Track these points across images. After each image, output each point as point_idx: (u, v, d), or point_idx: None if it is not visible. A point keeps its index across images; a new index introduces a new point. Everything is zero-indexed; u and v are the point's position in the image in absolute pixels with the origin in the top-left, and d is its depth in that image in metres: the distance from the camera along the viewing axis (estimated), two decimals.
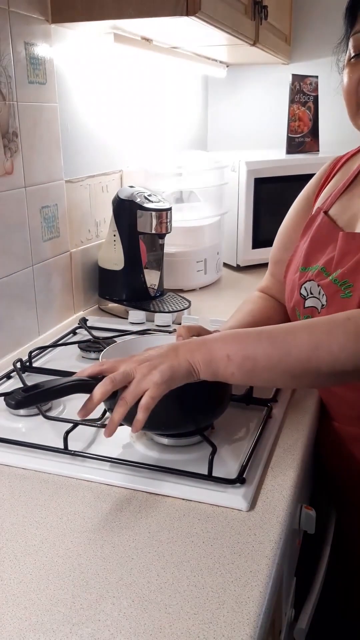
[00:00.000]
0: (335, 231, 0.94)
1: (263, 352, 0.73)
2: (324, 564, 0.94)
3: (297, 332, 0.75)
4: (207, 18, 1.17)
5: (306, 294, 0.94)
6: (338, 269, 0.89)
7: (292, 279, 0.99)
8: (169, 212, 1.37)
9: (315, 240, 0.97)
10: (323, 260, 0.93)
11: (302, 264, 0.97)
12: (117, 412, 0.72)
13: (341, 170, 1.03)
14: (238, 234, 1.82)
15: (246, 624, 0.56)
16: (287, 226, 1.08)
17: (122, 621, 0.56)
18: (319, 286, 0.92)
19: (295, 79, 1.89)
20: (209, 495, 0.73)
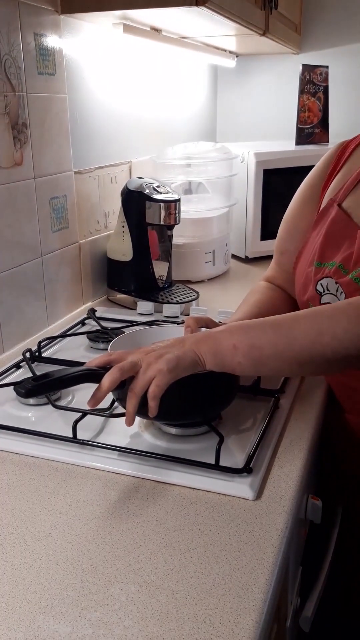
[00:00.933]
0: (351, 226, 0.93)
1: (268, 341, 0.74)
2: (330, 553, 0.94)
3: (300, 319, 0.76)
4: (217, 8, 1.16)
5: (322, 291, 0.94)
6: (358, 267, 0.89)
7: (305, 273, 0.98)
8: (177, 203, 1.37)
9: (330, 235, 0.95)
10: (340, 256, 0.92)
11: (317, 259, 0.96)
12: (129, 404, 0.74)
13: (351, 158, 1.01)
14: (247, 226, 1.82)
15: (251, 610, 0.56)
16: (292, 215, 1.07)
17: (129, 606, 0.57)
18: (337, 284, 0.91)
19: (305, 69, 1.88)
20: (216, 484, 0.74)
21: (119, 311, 1.37)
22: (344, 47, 2.08)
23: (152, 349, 0.76)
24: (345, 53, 2.07)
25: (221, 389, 0.82)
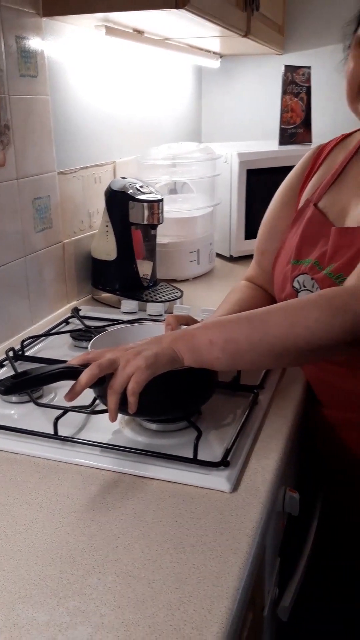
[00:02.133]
0: (326, 225, 0.96)
1: (243, 334, 0.76)
2: (309, 544, 0.97)
3: (273, 312, 0.78)
4: (197, 10, 1.18)
5: (299, 287, 0.96)
6: (332, 263, 0.91)
7: (283, 271, 1.01)
8: (160, 203, 1.39)
9: (306, 234, 0.98)
10: (316, 254, 0.95)
11: (294, 257, 0.98)
12: (110, 401, 0.76)
13: (327, 160, 1.04)
14: (231, 225, 1.84)
15: (225, 597, 0.58)
16: (272, 216, 1.10)
17: (106, 595, 0.59)
18: (313, 280, 0.94)
19: (288, 70, 1.90)
20: (194, 478, 0.76)
21: (103, 310, 1.39)
22: (327, 47, 2.10)
23: (131, 347, 0.78)
24: (328, 53, 2.09)
25: (200, 384, 0.84)
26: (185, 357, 0.77)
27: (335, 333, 0.75)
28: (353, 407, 0.97)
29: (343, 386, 0.97)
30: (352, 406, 0.97)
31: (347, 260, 0.88)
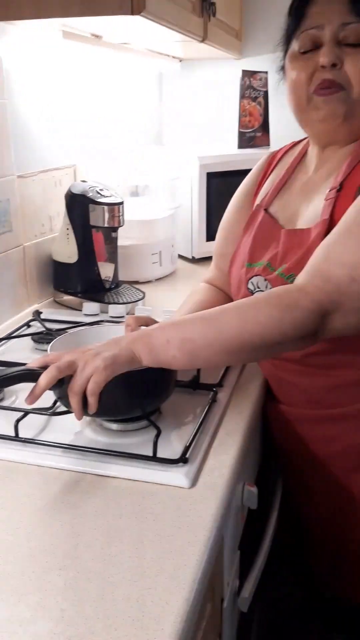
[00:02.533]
0: (277, 228, 0.99)
1: (199, 333, 0.79)
2: (268, 536, 1.00)
3: (227, 310, 0.82)
4: (153, 16, 1.19)
5: (253, 289, 0.99)
6: (283, 264, 0.95)
7: (239, 274, 1.04)
8: (120, 206, 1.41)
9: (259, 238, 1.02)
10: (268, 256, 0.98)
11: (248, 260, 1.02)
12: (73, 402, 0.78)
13: (277, 166, 1.08)
14: (192, 227, 1.86)
15: (182, 588, 0.60)
16: (228, 220, 1.13)
17: (67, 591, 0.60)
18: (266, 281, 0.97)
19: (245, 74, 1.94)
20: (154, 475, 0.78)
21: (64, 312, 1.39)
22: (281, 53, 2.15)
23: (90, 349, 0.80)
24: None
25: (158, 384, 0.86)
26: (143, 357, 0.79)
27: (286, 328, 0.78)
28: (307, 402, 1.01)
29: (298, 383, 1.00)
30: (306, 402, 1.01)
31: (297, 261, 0.91)
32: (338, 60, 0.88)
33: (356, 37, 0.87)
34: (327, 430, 0.99)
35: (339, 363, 0.94)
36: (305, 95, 0.92)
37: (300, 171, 1.03)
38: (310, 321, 0.79)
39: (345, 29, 0.87)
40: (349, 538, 1.06)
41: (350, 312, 0.80)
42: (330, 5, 0.88)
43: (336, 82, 0.88)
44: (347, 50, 0.87)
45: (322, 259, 0.83)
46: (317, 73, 0.89)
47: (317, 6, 0.90)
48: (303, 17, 0.91)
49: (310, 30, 0.89)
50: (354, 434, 0.97)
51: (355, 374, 0.94)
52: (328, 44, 0.88)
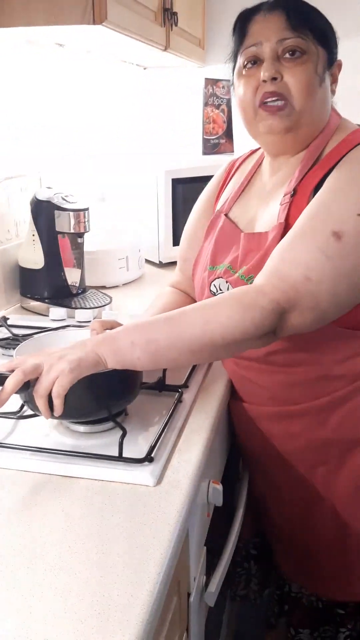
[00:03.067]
0: (237, 232, 1.03)
1: (163, 334, 0.82)
2: (234, 533, 1.02)
3: (189, 311, 0.85)
4: (115, 26, 1.22)
5: (216, 291, 1.02)
6: (243, 266, 0.98)
7: (202, 277, 1.07)
8: (86, 211, 1.42)
9: (220, 242, 1.05)
10: (229, 259, 1.02)
11: (210, 263, 1.05)
12: (39, 404, 0.80)
13: (237, 173, 1.12)
14: (159, 232, 1.89)
15: (147, 581, 0.62)
16: (191, 226, 1.17)
17: (34, 588, 0.62)
18: (228, 283, 1.00)
19: (208, 82, 1.98)
20: (120, 474, 0.80)
21: (32, 318, 1.40)
22: None
23: (55, 351, 0.81)
24: None
25: (123, 385, 0.88)
26: (108, 359, 0.81)
27: (246, 327, 0.82)
28: (269, 400, 1.04)
29: (260, 381, 1.03)
30: (268, 399, 1.04)
31: (256, 263, 0.95)
32: (278, 74, 0.92)
33: (295, 51, 0.91)
34: (289, 427, 1.02)
35: (298, 360, 0.97)
36: (252, 109, 0.96)
37: (257, 178, 1.07)
38: (269, 320, 0.83)
39: (283, 44, 0.91)
40: (313, 534, 1.09)
41: (306, 310, 0.84)
42: (268, 23, 0.93)
43: (278, 92, 0.92)
44: (286, 64, 0.92)
45: (279, 260, 0.86)
46: (260, 87, 0.93)
47: (257, 24, 0.94)
48: (245, 36, 0.96)
49: (251, 47, 0.94)
50: (315, 429, 1.01)
51: (314, 371, 0.98)
52: (267, 60, 0.92)
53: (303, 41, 0.91)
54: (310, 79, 0.92)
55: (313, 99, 0.93)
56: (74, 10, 1.14)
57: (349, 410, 0.99)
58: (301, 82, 0.91)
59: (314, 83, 0.92)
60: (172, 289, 1.20)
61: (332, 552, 1.09)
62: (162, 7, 1.55)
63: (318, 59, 0.92)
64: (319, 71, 0.93)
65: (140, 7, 1.37)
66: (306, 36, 0.91)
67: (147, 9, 1.46)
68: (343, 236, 0.83)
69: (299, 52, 0.91)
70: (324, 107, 0.96)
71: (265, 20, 0.93)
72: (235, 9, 2.17)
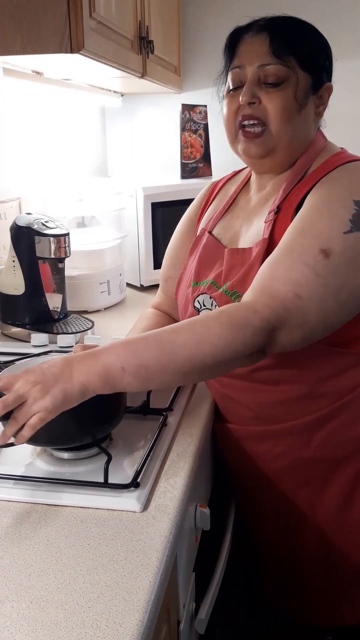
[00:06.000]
0: (220, 248, 1.04)
1: (153, 358, 0.81)
2: (223, 557, 1.01)
3: (179, 332, 0.83)
4: (92, 55, 1.24)
5: (199, 307, 1.03)
6: (227, 281, 0.99)
7: (185, 294, 1.07)
8: (66, 237, 1.42)
9: (204, 258, 1.06)
10: (212, 275, 1.03)
11: (194, 279, 1.06)
12: (8, 429, 0.77)
13: (219, 194, 1.14)
14: (139, 256, 1.89)
15: (136, 611, 0.61)
16: (174, 246, 1.18)
17: (20, 621, 0.60)
18: (212, 298, 1.00)
19: (185, 108, 2.01)
20: (105, 501, 0.79)
21: (13, 345, 1.39)
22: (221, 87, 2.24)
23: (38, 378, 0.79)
24: None
25: (107, 410, 0.87)
26: (97, 387, 0.79)
27: (237, 347, 0.81)
28: (253, 419, 1.04)
29: (244, 400, 1.03)
30: (252, 419, 1.04)
31: (240, 277, 0.95)
32: (255, 99, 0.93)
33: (274, 78, 0.93)
34: (273, 447, 1.02)
35: (284, 378, 0.98)
36: (234, 130, 0.98)
37: (242, 196, 1.09)
38: (260, 338, 0.83)
39: (264, 70, 0.93)
40: (298, 557, 1.08)
41: (295, 328, 0.84)
42: (253, 46, 0.94)
43: (255, 116, 0.94)
44: (266, 89, 0.93)
45: (268, 277, 0.87)
46: (240, 109, 0.95)
47: (244, 45, 0.96)
48: (233, 55, 0.98)
49: (235, 69, 0.96)
50: (299, 449, 1.00)
51: (299, 389, 0.98)
52: (248, 84, 0.94)
53: (284, 68, 0.92)
54: (288, 106, 0.93)
55: (290, 124, 0.94)
56: (52, 39, 1.16)
57: (332, 429, 0.99)
58: (278, 108, 0.93)
59: (291, 109, 0.94)
60: (154, 310, 1.21)
61: (317, 576, 1.08)
62: (138, 35, 1.58)
63: (298, 85, 0.93)
64: (299, 97, 0.94)
65: (116, 35, 1.39)
66: (288, 62, 0.92)
67: (124, 37, 1.48)
68: (331, 254, 0.84)
69: (278, 79, 0.92)
70: (304, 131, 0.97)
71: (251, 43, 0.95)
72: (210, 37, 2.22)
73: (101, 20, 1.25)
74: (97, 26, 1.23)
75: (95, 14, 1.21)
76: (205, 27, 2.20)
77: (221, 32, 1.03)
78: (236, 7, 2.15)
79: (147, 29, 1.64)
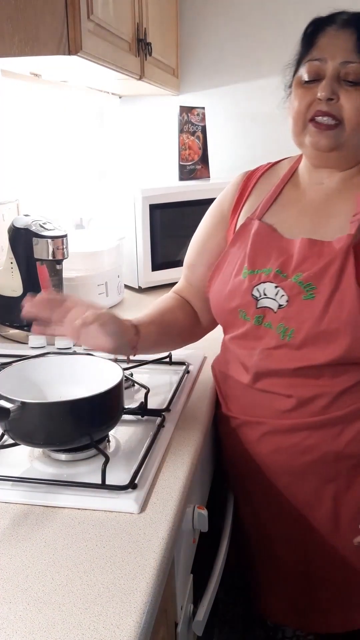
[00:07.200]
0: (276, 237, 1.01)
1: None
2: (221, 559, 1.01)
3: None
4: (89, 56, 1.24)
5: (259, 295, 1.00)
6: (299, 271, 0.97)
7: (232, 283, 1.03)
8: (64, 238, 1.42)
9: (258, 246, 1.02)
10: (275, 263, 1.00)
11: (249, 267, 1.01)
12: None
13: (259, 184, 1.10)
14: (137, 257, 1.89)
15: (133, 612, 0.61)
16: (201, 235, 1.15)
17: (17, 623, 0.60)
18: (278, 287, 0.98)
19: (183, 110, 2.01)
20: (103, 502, 0.79)
21: (10, 346, 1.39)
22: (218, 89, 2.25)
23: None
24: (220, 94, 2.24)
25: (105, 411, 0.87)
26: None
27: None
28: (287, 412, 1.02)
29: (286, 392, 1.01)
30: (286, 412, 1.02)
31: (319, 270, 0.94)
32: (334, 95, 0.92)
33: (355, 76, 0.91)
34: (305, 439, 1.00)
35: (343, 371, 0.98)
36: (302, 122, 0.96)
37: (289, 187, 1.06)
38: None
39: (346, 67, 0.91)
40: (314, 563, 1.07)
41: None
42: (337, 40, 0.92)
43: (331, 113, 0.93)
44: (346, 87, 0.92)
45: None
46: (315, 103, 0.93)
47: (326, 38, 0.94)
48: (312, 46, 0.95)
49: (315, 61, 0.93)
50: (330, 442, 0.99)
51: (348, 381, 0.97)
52: (328, 79, 0.92)
53: None
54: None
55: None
56: (50, 41, 1.16)
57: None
58: (356, 108, 0.92)
59: None
60: (174, 295, 1.18)
61: (333, 582, 1.06)
62: (137, 37, 1.58)
63: None
64: None
65: (114, 37, 1.39)
66: None
67: (122, 39, 1.48)
68: None
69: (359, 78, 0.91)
70: None
71: (335, 37, 0.93)
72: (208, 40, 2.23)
73: (99, 22, 1.26)
74: (95, 28, 1.24)
75: (93, 16, 1.21)
76: (204, 30, 2.20)
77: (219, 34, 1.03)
78: (234, 9, 2.15)
79: (145, 31, 1.64)
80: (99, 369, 0.95)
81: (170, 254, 1.89)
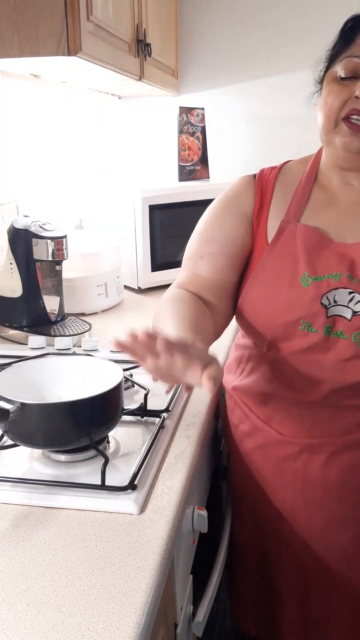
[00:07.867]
0: (326, 241, 0.95)
1: None
2: (220, 560, 1.01)
3: None
4: (89, 57, 1.24)
5: (328, 304, 0.93)
6: None
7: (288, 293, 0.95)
8: (64, 239, 1.42)
9: (312, 251, 0.95)
10: (341, 267, 0.93)
11: (311, 274, 0.94)
12: None
13: (278, 186, 1.03)
14: (137, 258, 1.89)
15: (133, 613, 0.61)
16: (211, 222, 1.05)
17: (17, 624, 0.60)
18: (354, 293, 0.92)
19: (182, 110, 2.01)
20: (103, 503, 0.79)
21: (10, 347, 1.39)
22: (217, 89, 2.25)
23: None
24: (219, 95, 2.24)
25: (104, 412, 0.87)
26: None
27: None
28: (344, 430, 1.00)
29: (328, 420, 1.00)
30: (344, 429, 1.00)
31: None
32: None
33: None
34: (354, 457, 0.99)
35: None
36: (334, 120, 0.92)
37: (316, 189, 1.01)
38: None
39: None
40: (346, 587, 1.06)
41: None
42: None
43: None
44: None
45: None
46: (350, 101, 0.90)
47: None
48: (351, 42, 0.91)
49: (355, 58, 0.90)
50: None
51: None
52: None
53: None
54: None
55: None
56: (49, 42, 1.16)
57: None
58: None
59: None
60: (183, 291, 1.01)
61: None
62: (136, 38, 1.59)
63: None
64: None
65: (114, 38, 1.40)
66: None
67: (121, 40, 1.48)
68: None
69: None
70: None
71: None
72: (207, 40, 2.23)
73: (98, 23, 1.26)
74: (95, 29, 1.24)
75: (93, 17, 1.21)
76: (203, 30, 2.20)
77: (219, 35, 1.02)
78: (234, 10, 2.15)
79: (144, 32, 1.64)
80: (98, 369, 0.95)
81: (170, 254, 1.89)
